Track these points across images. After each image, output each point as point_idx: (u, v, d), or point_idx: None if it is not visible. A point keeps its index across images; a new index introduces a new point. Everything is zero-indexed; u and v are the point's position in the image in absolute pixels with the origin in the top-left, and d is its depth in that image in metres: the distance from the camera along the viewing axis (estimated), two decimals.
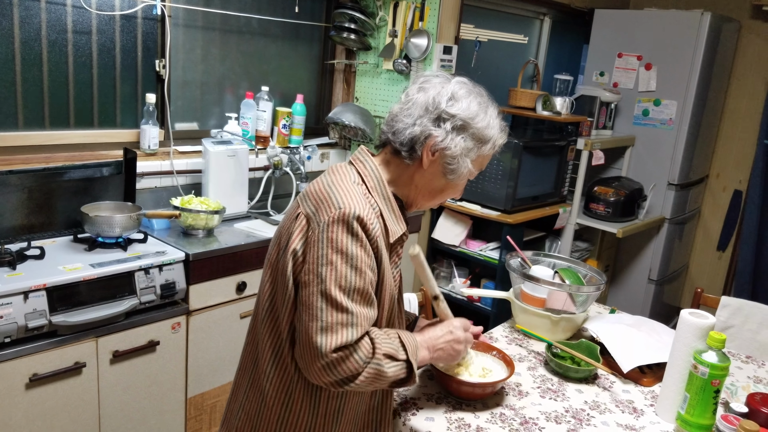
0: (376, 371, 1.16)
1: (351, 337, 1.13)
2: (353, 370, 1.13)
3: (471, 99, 1.27)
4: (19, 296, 1.87)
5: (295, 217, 1.23)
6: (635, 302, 4.06)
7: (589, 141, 3.49)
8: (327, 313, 1.12)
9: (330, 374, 1.13)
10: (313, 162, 3.33)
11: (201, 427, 2.50)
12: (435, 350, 1.32)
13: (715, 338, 1.41)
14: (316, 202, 1.21)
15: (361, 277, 1.15)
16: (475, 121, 1.26)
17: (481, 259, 3.26)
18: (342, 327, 1.12)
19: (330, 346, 1.11)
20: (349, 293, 1.14)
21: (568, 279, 1.93)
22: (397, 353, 1.19)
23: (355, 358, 1.13)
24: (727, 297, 2.37)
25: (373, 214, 1.20)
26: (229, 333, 2.51)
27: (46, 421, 1.99)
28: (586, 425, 1.48)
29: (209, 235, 2.54)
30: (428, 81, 1.30)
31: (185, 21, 2.81)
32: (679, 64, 3.74)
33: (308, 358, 1.14)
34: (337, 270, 1.14)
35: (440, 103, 1.25)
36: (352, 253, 1.15)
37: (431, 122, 1.25)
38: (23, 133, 2.38)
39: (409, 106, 1.28)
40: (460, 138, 1.26)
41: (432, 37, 3.08)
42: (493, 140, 1.30)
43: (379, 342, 1.18)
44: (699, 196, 4.33)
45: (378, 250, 1.20)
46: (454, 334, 1.36)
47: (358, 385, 1.15)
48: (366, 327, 1.16)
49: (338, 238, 1.15)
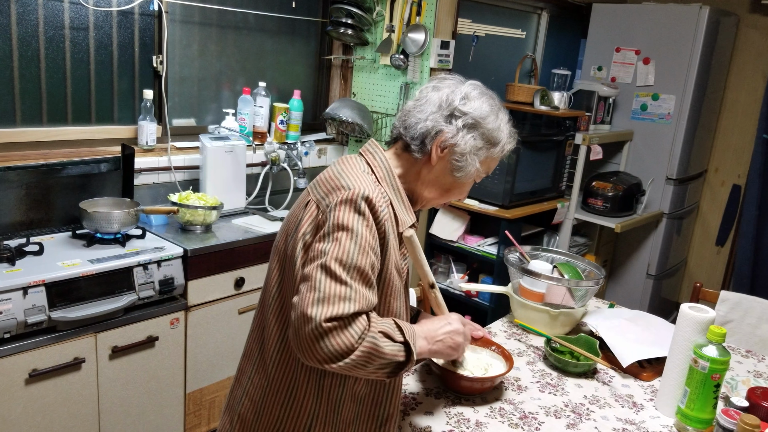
0: (371, 347, 1.12)
1: (346, 310, 1.10)
2: (347, 344, 1.09)
3: (483, 100, 1.30)
4: (18, 292, 1.87)
5: (305, 204, 1.24)
6: (633, 297, 4.06)
7: (587, 136, 3.49)
8: (324, 285, 1.11)
9: (322, 346, 1.09)
10: (310, 158, 3.33)
11: (200, 422, 2.50)
12: (434, 341, 1.31)
13: (715, 332, 1.42)
14: (325, 189, 1.23)
15: (364, 256, 1.15)
16: (486, 121, 1.29)
17: (479, 254, 3.26)
18: (339, 299, 1.10)
19: (324, 315, 1.08)
20: (349, 269, 1.13)
21: (566, 273, 1.93)
22: (394, 334, 1.17)
23: (350, 331, 1.10)
24: (726, 291, 2.37)
25: (383, 199, 1.21)
26: (227, 328, 2.51)
27: (46, 416, 1.99)
28: (585, 419, 1.48)
29: (207, 230, 2.54)
30: (442, 81, 1.33)
31: (182, 17, 2.80)
32: (678, 58, 3.73)
33: (301, 330, 1.10)
34: (341, 245, 1.13)
35: (453, 101, 1.28)
36: (357, 230, 1.15)
37: (443, 119, 1.28)
38: (21, 130, 2.37)
39: (422, 102, 1.31)
40: (470, 136, 1.28)
41: (429, 31, 3.07)
42: (502, 144, 1.33)
43: (375, 320, 1.16)
44: (697, 191, 4.33)
45: (385, 234, 1.20)
46: (452, 325, 1.36)
47: (354, 361, 1.11)
48: (363, 305, 1.13)
49: (345, 216, 1.16)
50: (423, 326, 1.32)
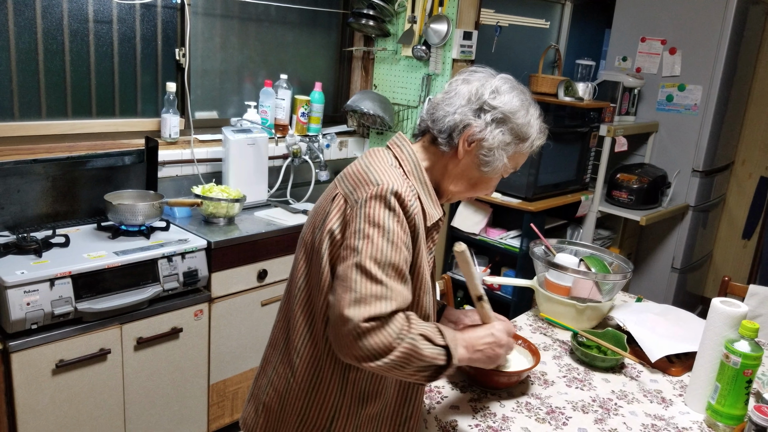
0: (411, 348, 1.12)
1: (384, 309, 1.10)
2: (386, 344, 1.10)
3: (514, 95, 1.27)
4: (45, 283, 1.89)
5: (333, 197, 1.24)
6: (658, 291, 4.01)
7: (612, 127, 3.44)
8: (361, 285, 1.11)
9: (361, 346, 1.09)
10: (331, 150, 3.33)
11: (223, 413, 2.52)
12: (474, 350, 1.28)
13: (747, 327, 1.38)
14: (353, 182, 1.22)
15: (397, 253, 1.14)
16: (516, 116, 1.26)
17: (501, 247, 3.23)
18: (375, 299, 1.10)
19: (362, 315, 1.09)
20: (384, 267, 1.12)
21: (593, 267, 1.91)
22: (435, 337, 1.16)
23: (388, 330, 1.10)
24: (755, 285, 2.33)
25: (411, 193, 1.20)
26: (250, 320, 2.51)
27: (72, 407, 2.01)
28: (613, 415, 1.46)
29: (230, 223, 2.55)
30: (473, 74, 1.31)
31: (204, 9, 2.80)
32: (705, 47, 3.66)
33: (339, 330, 1.11)
34: (374, 243, 1.13)
35: (483, 95, 1.26)
36: (389, 227, 1.14)
37: (472, 112, 1.26)
38: (46, 123, 2.40)
39: (451, 95, 1.29)
40: (499, 131, 1.26)
41: (452, 22, 3.04)
42: (531, 139, 1.30)
43: (415, 320, 1.16)
44: (724, 184, 4.25)
45: (416, 228, 1.20)
46: (495, 336, 1.32)
47: (393, 361, 1.11)
48: (400, 303, 1.13)
49: (376, 212, 1.15)
50: (465, 334, 1.29)
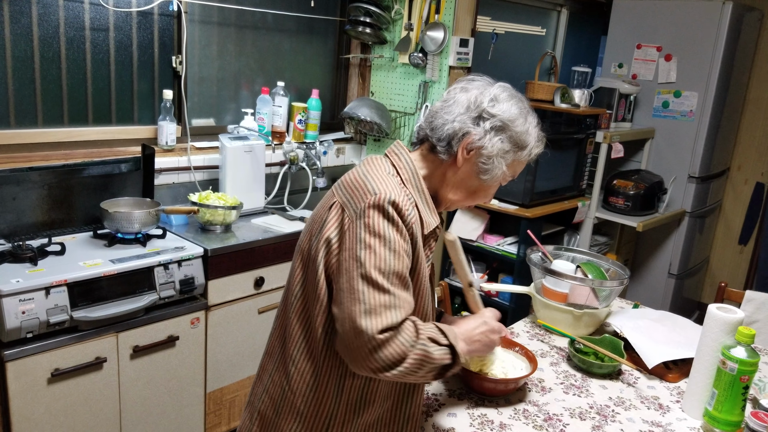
0: (423, 353, 1.14)
1: (395, 319, 1.12)
2: (400, 353, 1.12)
3: (512, 103, 1.28)
4: (40, 292, 1.89)
5: (330, 206, 1.24)
6: (655, 297, 4.01)
7: (608, 134, 3.45)
8: (369, 296, 1.12)
9: (378, 358, 1.11)
10: (329, 157, 3.33)
11: (220, 421, 2.51)
12: (472, 342, 1.31)
13: (744, 333, 1.39)
14: (351, 191, 1.22)
15: (399, 261, 1.15)
16: (514, 124, 1.27)
17: (498, 253, 3.23)
18: (385, 309, 1.12)
19: (376, 327, 1.10)
20: (388, 276, 1.13)
21: (590, 273, 1.91)
22: (439, 337, 1.19)
23: (401, 339, 1.12)
24: (752, 291, 2.33)
25: (409, 202, 1.21)
26: (247, 328, 2.51)
27: (68, 416, 2.00)
28: (611, 421, 1.46)
29: (227, 230, 2.54)
30: (471, 82, 1.32)
31: (201, 17, 2.81)
32: (700, 54, 3.67)
33: (354, 343, 1.12)
34: (376, 253, 1.14)
35: (482, 103, 1.27)
36: (389, 236, 1.15)
37: (471, 120, 1.27)
38: (43, 130, 2.39)
39: (450, 104, 1.29)
40: (498, 139, 1.27)
41: (448, 29, 3.05)
42: (530, 147, 1.31)
43: (420, 325, 1.18)
44: (720, 189, 4.27)
45: (414, 236, 1.20)
46: (488, 324, 1.36)
47: (408, 369, 1.13)
48: (408, 310, 1.15)
49: (375, 222, 1.15)
50: (461, 327, 1.31)
